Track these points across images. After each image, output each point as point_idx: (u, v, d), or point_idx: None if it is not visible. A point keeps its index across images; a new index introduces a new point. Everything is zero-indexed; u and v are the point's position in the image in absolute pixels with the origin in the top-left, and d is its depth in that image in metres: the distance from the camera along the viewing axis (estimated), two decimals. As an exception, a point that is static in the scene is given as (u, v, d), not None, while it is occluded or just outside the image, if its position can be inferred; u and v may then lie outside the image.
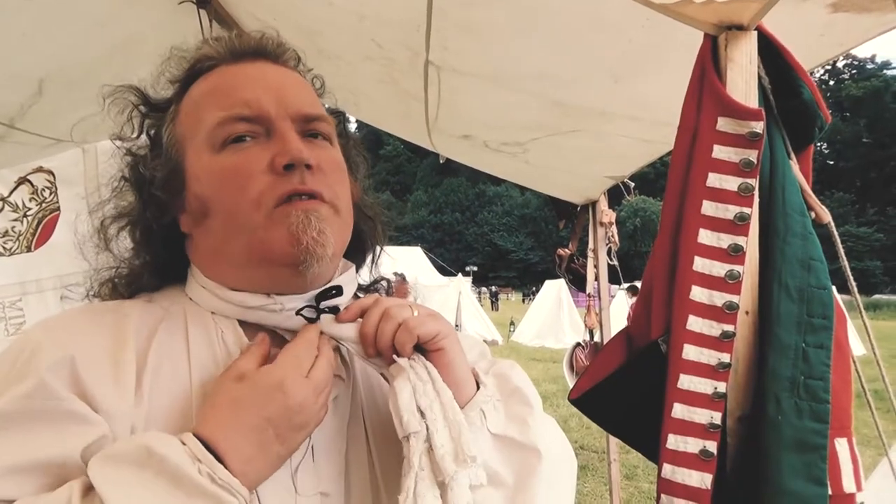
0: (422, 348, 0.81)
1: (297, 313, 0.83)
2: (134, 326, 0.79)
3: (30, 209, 2.57)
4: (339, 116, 1.01)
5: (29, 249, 2.52)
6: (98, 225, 0.89)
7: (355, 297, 0.98)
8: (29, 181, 2.58)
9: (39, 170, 2.61)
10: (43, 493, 0.64)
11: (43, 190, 2.60)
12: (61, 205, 2.60)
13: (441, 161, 3.58)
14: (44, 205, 2.59)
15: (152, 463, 0.63)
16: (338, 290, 0.85)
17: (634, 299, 4.18)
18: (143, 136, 0.90)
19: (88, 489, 0.63)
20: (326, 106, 1.00)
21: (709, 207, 1.04)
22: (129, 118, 0.89)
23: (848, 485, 1.02)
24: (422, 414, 0.75)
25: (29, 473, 0.65)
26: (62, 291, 2.35)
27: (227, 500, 0.64)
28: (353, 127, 1.12)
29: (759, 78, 1.06)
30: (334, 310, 0.84)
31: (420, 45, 1.93)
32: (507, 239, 75.80)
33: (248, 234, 0.79)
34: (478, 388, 0.85)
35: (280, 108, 0.82)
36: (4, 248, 2.50)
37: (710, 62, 1.06)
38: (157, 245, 0.88)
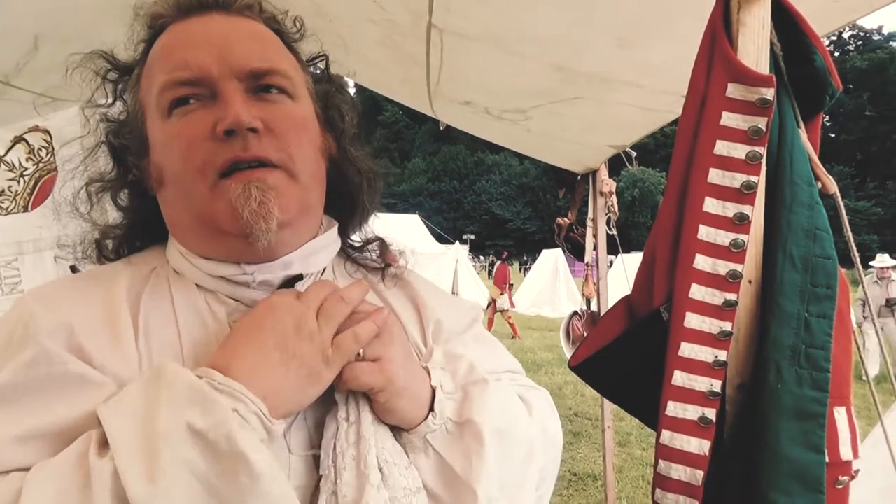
0: None
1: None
2: (125, 291, 0.78)
3: (26, 169, 2.54)
4: (320, 61, 0.95)
5: (26, 209, 2.50)
6: (83, 188, 0.88)
7: (344, 254, 0.97)
8: (25, 140, 2.55)
9: (36, 129, 2.57)
10: None
11: (40, 149, 2.57)
12: (59, 165, 2.57)
13: (441, 128, 3.54)
14: (41, 164, 2.56)
15: (154, 380, 0.65)
16: (298, 278, 0.84)
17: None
18: (119, 101, 0.87)
19: (105, 441, 0.62)
20: (307, 54, 0.94)
21: (715, 175, 1.03)
22: (102, 84, 0.86)
23: (845, 452, 1.03)
24: (335, 457, 0.74)
25: (44, 439, 0.64)
26: (56, 251, 2.34)
27: (223, 403, 0.64)
28: (351, 90, 1.06)
29: (771, 44, 1.04)
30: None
31: (423, 7, 1.89)
32: (505, 208, 75.64)
33: (196, 205, 0.77)
34: (431, 409, 0.81)
35: (223, 67, 0.76)
36: (1, 207, 2.48)
37: (722, 27, 1.04)
38: (138, 209, 0.88)
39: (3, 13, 1.98)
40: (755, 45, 1.03)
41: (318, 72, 0.95)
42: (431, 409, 0.80)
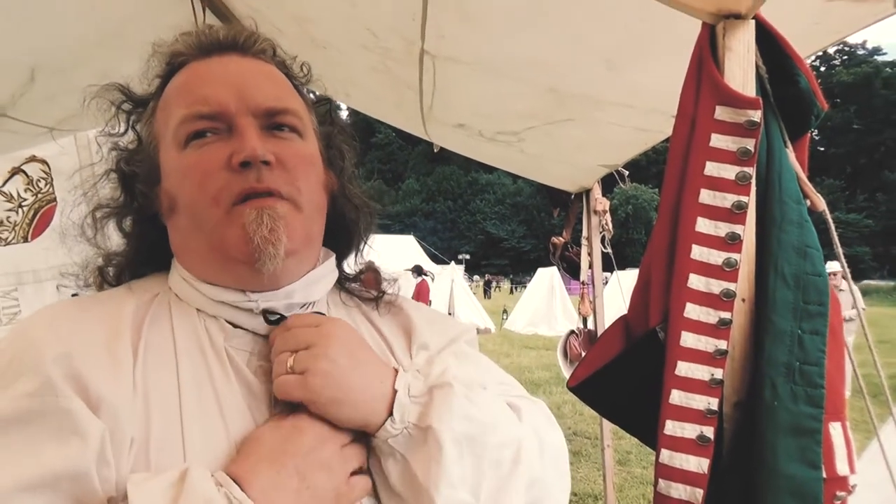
0: None
1: (267, 320, 0.85)
2: (129, 317, 0.79)
3: (25, 199, 2.55)
4: (325, 104, 1.00)
5: (26, 240, 2.51)
6: (89, 214, 0.90)
7: (339, 284, 1.00)
8: (23, 171, 2.57)
9: (33, 159, 2.59)
10: None
11: (38, 181, 2.59)
12: (58, 196, 2.59)
13: (435, 150, 3.58)
14: (39, 195, 2.58)
15: (179, 482, 0.66)
16: (282, 318, 0.85)
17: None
18: (130, 131, 0.91)
19: None
20: (314, 94, 0.99)
21: (707, 196, 1.05)
22: (116, 114, 0.90)
23: (842, 467, 1.04)
24: None
25: (40, 490, 0.64)
26: (58, 280, 2.35)
27: None
28: (344, 115, 1.10)
29: (757, 66, 1.07)
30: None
31: (415, 34, 1.92)
32: (500, 227, 75.82)
33: (208, 231, 0.80)
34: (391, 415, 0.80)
35: (241, 104, 0.81)
36: (0, 238, 2.48)
37: (708, 51, 1.06)
38: (143, 236, 0.90)
39: (0, 46, 2.01)
40: (741, 68, 1.05)
41: (322, 114, 0.99)
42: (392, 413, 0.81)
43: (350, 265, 1.03)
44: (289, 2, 2.06)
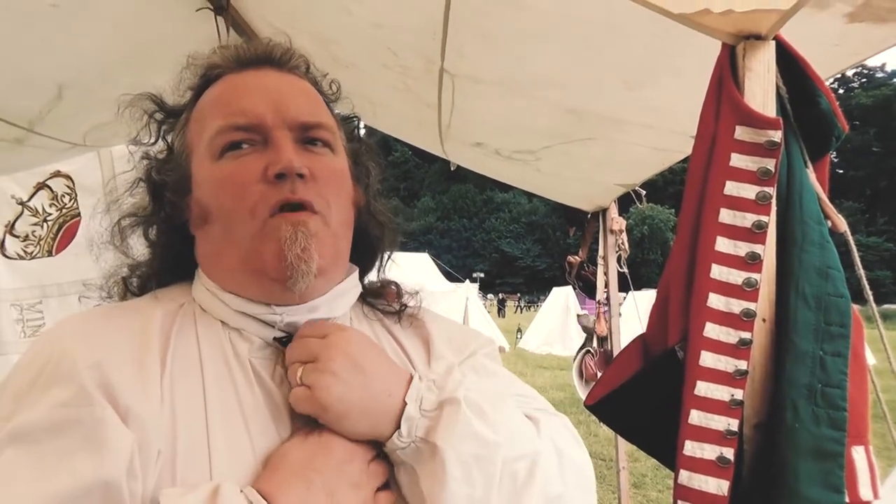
0: None
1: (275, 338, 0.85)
2: (157, 327, 0.80)
3: (50, 214, 2.60)
4: (352, 122, 1.02)
5: (50, 254, 2.56)
6: (114, 223, 0.91)
7: (363, 299, 1.00)
8: (48, 186, 2.62)
9: (57, 174, 2.65)
10: None
11: (63, 196, 2.64)
12: (82, 211, 2.64)
13: (452, 168, 3.60)
14: (64, 210, 2.63)
15: (211, 498, 0.67)
16: (289, 338, 0.86)
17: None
18: (161, 141, 0.93)
19: None
20: (339, 112, 1.01)
21: (726, 215, 1.05)
22: (147, 124, 0.92)
23: (865, 492, 1.02)
24: None
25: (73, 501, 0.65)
26: (81, 291, 2.39)
27: None
28: (361, 132, 1.13)
29: (777, 87, 1.07)
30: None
31: (435, 53, 1.95)
32: (515, 245, 75.75)
33: (244, 243, 0.81)
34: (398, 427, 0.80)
35: (277, 117, 0.83)
36: (25, 251, 2.53)
37: (728, 71, 1.07)
38: (169, 245, 0.91)
39: (28, 64, 2.06)
40: (761, 88, 1.05)
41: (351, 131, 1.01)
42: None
43: (371, 280, 1.04)
44: (312, 22, 2.10)
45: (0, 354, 2.54)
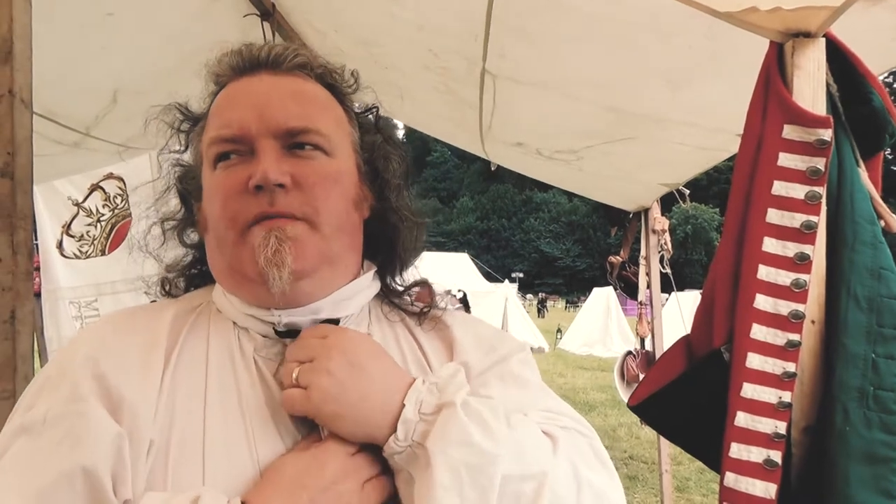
0: None
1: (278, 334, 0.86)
2: (168, 325, 0.84)
3: (103, 215, 2.71)
4: (367, 116, 0.98)
5: (103, 253, 2.67)
6: (157, 226, 0.95)
7: (385, 298, 0.98)
8: (101, 188, 2.73)
9: (110, 176, 2.75)
10: None
11: (115, 197, 2.75)
12: (132, 212, 2.75)
13: (493, 168, 3.60)
14: (116, 211, 2.73)
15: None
16: (296, 332, 0.86)
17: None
18: (189, 149, 0.96)
19: None
20: (357, 104, 0.97)
21: (774, 215, 1.04)
22: (176, 133, 0.94)
23: (919, 499, 1.00)
24: None
25: (56, 489, 0.68)
26: (138, 287, 2.49)
27: None
28: (400, 133, 1.10)
29: (827, 85, 1.05)
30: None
31: (477, 55, 1.96)
32: (554, 245, 75.17)
33: (227, 251, 0.83)
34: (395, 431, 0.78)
35: (261, 126, 0.82)
36: (80, 251, 2.64)
37: (776, 69, 1.05)
38: (199, 247, 0.95)
39: (85, 72, 2.15)
40: (810, 86, 1.04)
41: (368, 122, 0.99)
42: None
43: (398, 279, 1.01)
44: (356, 25, 2.13)
45: (61, 351, 2.66)
